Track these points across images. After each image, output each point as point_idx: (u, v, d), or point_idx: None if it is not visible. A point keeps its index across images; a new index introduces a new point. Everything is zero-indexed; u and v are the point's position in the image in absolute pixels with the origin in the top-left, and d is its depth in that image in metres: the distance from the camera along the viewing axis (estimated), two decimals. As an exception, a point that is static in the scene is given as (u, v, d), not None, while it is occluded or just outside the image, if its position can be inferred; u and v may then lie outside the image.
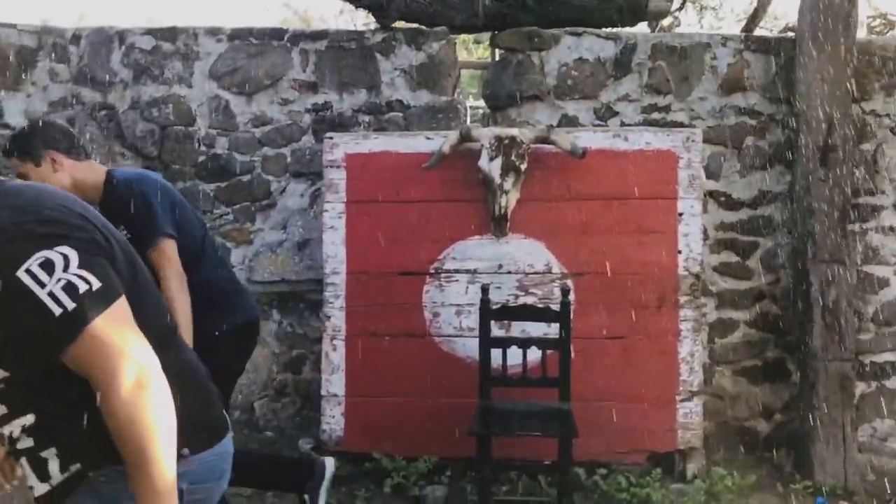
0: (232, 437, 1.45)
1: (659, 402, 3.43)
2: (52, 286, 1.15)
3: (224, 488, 1.45)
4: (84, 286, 1.17)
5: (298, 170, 4.05)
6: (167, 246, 2.40)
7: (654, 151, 3.53)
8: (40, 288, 1.15)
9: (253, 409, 4.05)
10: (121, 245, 1.31)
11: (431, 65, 4.02)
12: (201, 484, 1.36)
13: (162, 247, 2.39)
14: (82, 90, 4.08)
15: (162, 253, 2.38)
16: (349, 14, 10.81)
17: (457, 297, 3.53)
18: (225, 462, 1.43)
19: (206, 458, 1.36)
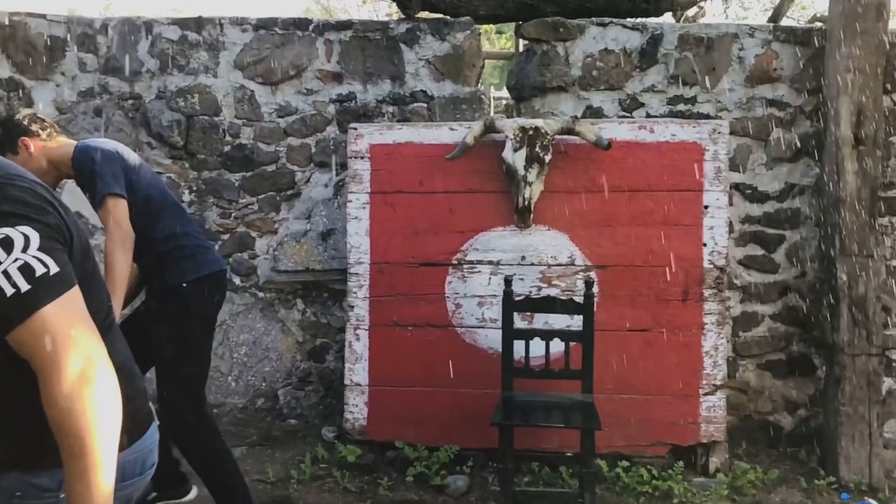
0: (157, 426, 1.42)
1: (682, 395, 3.41)
2: (7, 265, 1.13)
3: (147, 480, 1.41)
4: (41, 269, 1.15)
5: (323, 160, 4.07)
6: (112, 204, 2.54)
7: (679, 143, 3.50)
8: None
9: (277, 397, 4.09)
10: (80, 235, 1.28)
11: (456, 55, 4.01)
12: (126, 480, 1.32)
13: (107, 205, 2.53)
14: (110, 80, 4.12)
15: (107, 211, 2.53)
16: (372, 5, 10.82)
17: (479, 288, 3.54)
18: (150, 455, 1.40)
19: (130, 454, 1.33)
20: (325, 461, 3.43)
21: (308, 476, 3.30)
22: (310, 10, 14.27)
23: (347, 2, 19.06)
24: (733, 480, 3.30)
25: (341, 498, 3.16)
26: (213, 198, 4.11)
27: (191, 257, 2.70)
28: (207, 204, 4.12)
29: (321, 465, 3.41)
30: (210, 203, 4.11)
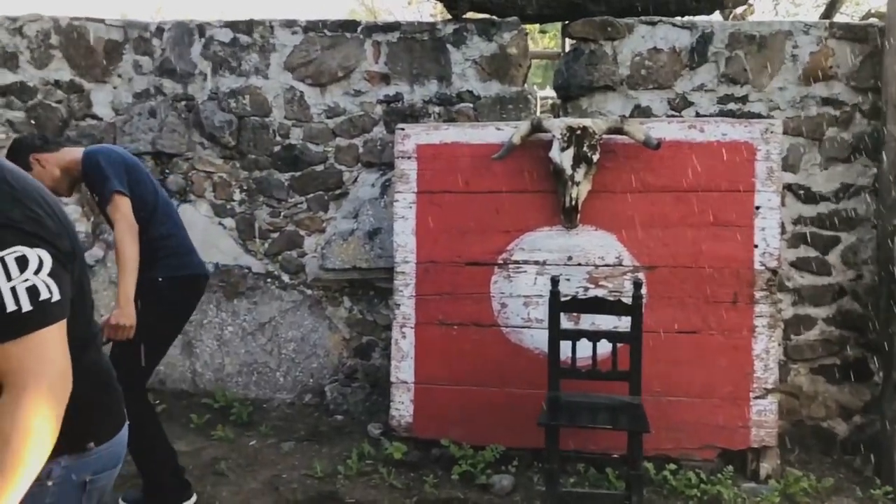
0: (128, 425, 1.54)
1: (732, 399, 3.36)
2: (17, 282, 1.20)
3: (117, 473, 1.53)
4: (46, 294, 1.22)
5: (370, 160, 4.11)
6: (118, 200, 2.77)
7: (730, 143, 3.45)
8: (6, 280, 1.19)
9: (324, 393, 4.15)
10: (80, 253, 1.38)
11: (502, 55, 4.01)
12: (102, 472, 1.45)
13: (114, 201, 2.76)
14: (164, 81, 4.23)
15: (114, 206, 2.75)
16: (416, 5, 10.87)
17: (525, 288, 3.53)
18: (122, 448, 1.52)
19: (108, 448, 1.44)
20: (372, 457, 3.47)
21: (355, 472, 3.34)
22: (354, 11, 14.40)
23: (392, 3, 19.17)
24: (785, 488, 3.23)
25: (387, 494, 3.19)
26: (263, 197, 4.19)
27: (174, 256, 2.95)
28: (257, 203, 4.20)
29: (367, 461, 3.45)
30: (260, 202, 4.19)
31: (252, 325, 4.25)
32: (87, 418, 1.38)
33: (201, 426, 3.83)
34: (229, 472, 3.37)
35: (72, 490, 1.39)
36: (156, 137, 4.22)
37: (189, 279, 3.02)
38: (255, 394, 4.24)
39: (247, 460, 3.51)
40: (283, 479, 3.32)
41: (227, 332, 4.26)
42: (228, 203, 4.22)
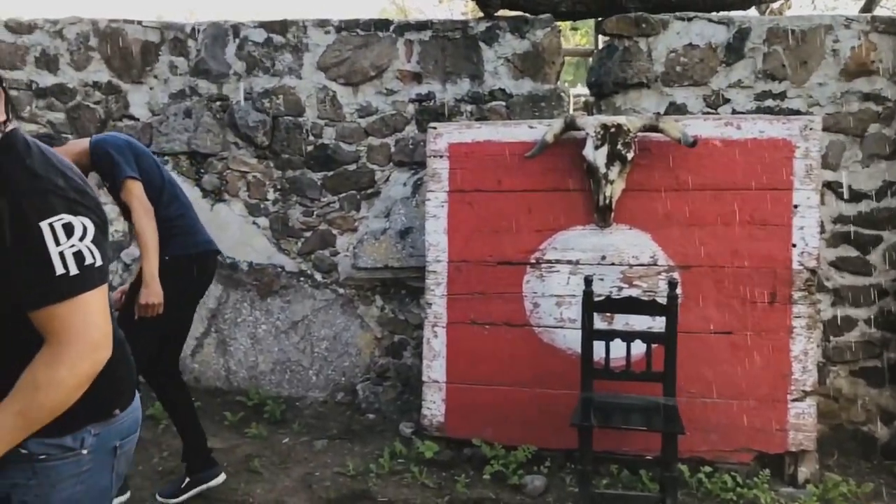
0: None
1: (769, 401, 3.30)
2: (64, 248, 1.28)
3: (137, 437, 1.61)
4: (90, 259, 1.31)
5: (402, 159, 4.12)
6: (131, 185, 2.88)
7: (768, 140, 3.38)
8: (55, 245, 1.27)
9: (356, 392, 4.17)
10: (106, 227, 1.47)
11: (535, 53, 3.98)
12: (127, 437, 1.53)
13: (128, 186, 2.87)
14: (199, 82, 4.29)
15: (128, 191, 2.87)
16: (448, 4, 10.86)
17: (558, 287, 3.51)
18: (139, 413, 1.61)
19: (130, 414, 1.53)
20: (403, 456, 3.48)
21: (387, 470, 3.35)
22: (385, 10, 14.44)
23: (423, 2, 19.19)
24: (824, 493, 3.16)
25: (419, 493, 3.19)
26: (297, 196, 4.22)
27: (184, 235, 3.04)
28: (291, 202, 4.23)
29: (399, 459, 3.45)
30: (293, 201, 4.23)
31: (285, 324, 4.28)
32: (113, 386, 1.46)
33: (235, 423, 3.88)
34: (263, 469, 3.40)
35: (105, 456, 1.46)
36: (191, 137, 4.27)
37: (200, 256, 3.11)
38: (288, 392, 4.27)
39: (280, 458, 3.54)
40: (316, 477, 3.34)
41: (260, 331, 4.31)
42: (262, 202, 4.27)
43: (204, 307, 4.33)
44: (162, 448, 3.61)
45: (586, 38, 12.34)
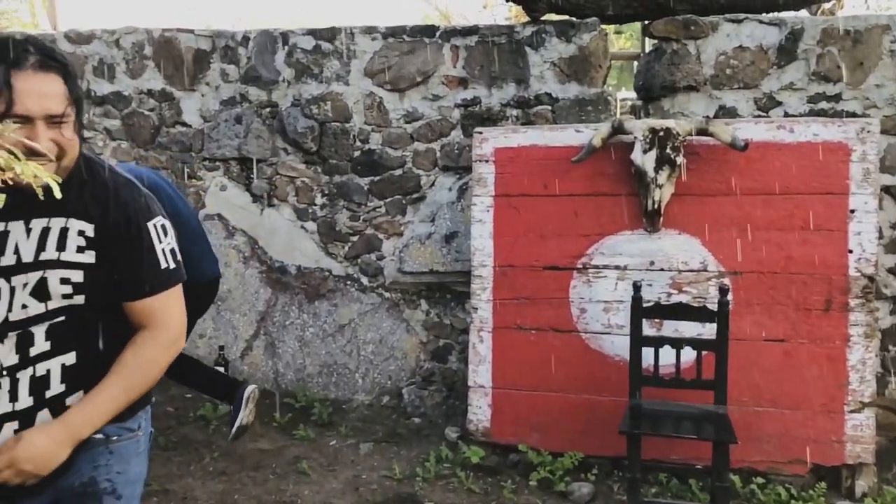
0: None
1: (824, 412, 3.21)
2: (164, 245, 1.52)
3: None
4: (178, 256, 1.57)
5: (447, 164, 4.14)
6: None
7: (822, 143, 3.31)
8: (158, 242, 1.51)
9: (401, 395, 4.19)
10: None
11: (582, 56, 3.96)
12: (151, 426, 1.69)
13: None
14: (249, 89, 4.37)
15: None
16: (491, 10, 10.87)
17: (605, 293, 3.48)
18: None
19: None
20: (449, 461, 3.48)
21: (433, 475, 3.36)
22: (428, 16, 14.52)
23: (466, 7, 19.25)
24: (882, 505, 3.07)
25: (466, 498, 3.19)
26: (344, 201, 4.27)
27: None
28: (338, 207, 4.28)
29: (445, 464, 3.46)
30: (340, 206, 4.28)
31: (332, 327, 4.33)
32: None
33: (284, 425, 3.93)
34: (311, 471, 3.44)
35: (147, 439, 1.64)
36: (241, 143, 4.36)
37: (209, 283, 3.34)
38: (335, 394, 4.32)
39: (327, 460, 3.58)
40: (363, 480, 3.37)
41: (308, 333, 4.36)
42: (310, 207, 4.32)
43: (253, 310, 4.41)
44: (213, 448, 3.68)
45: (631, 42, 12.22)
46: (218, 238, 4.38)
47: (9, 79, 1.30)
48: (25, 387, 1.40)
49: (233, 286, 4.42)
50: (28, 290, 1.38)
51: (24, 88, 1.31)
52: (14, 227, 1.37)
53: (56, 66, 1.37)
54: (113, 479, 1.51)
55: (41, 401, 1.42)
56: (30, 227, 1.38)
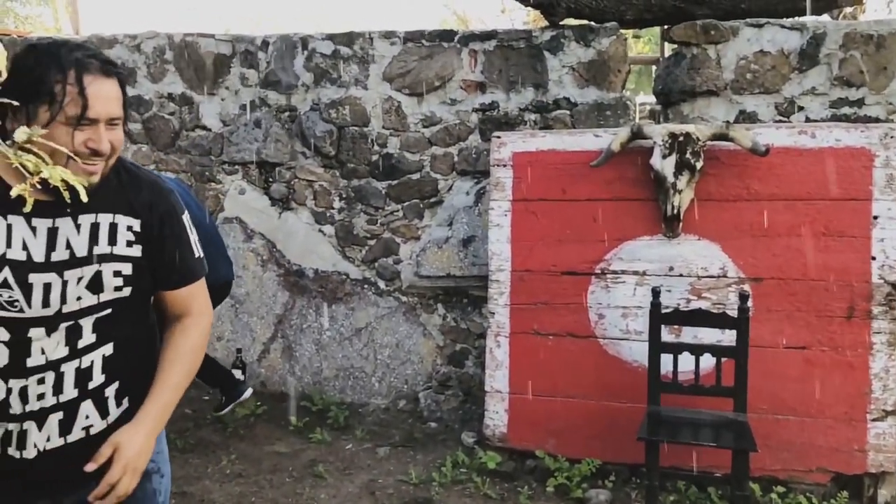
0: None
1: (846, 420, 3.17)
2: (193, 237, 1.63)
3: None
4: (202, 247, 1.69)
5: (465, 168, 4.14)
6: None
7: (845, 149, 3.27)
8: (191, 233, 1.62)
9: (418, 400, 4.19)
10: None
11: (600, 61, 3.95)
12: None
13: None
14: (269, 93, 4.40)
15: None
16: (510, 14, 10.87)
17: (624, 298, 3.46)
18: None
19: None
20: (466, 466, 3.47)
21: (449, 480, 3.35)
22: (445, 20, 14.55)
23: (484, 12, 19.27)
24: (905, 516, 3.03)
25: None
26: (361, 205, 4.28)
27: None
28: (356, 211, 4.29)
29: (461, 469, 3.45)
30: (358, 210, 4.29)
31: (349, 331, 4.34)
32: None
33: (300, 428, 3.94)
34: (327, 474, 3.45)
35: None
36: (260, 147, 4.38)
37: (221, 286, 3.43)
38: (352, 398, 4.33)
39: (344, 463, 3.58)
40: (379, 484, 3.37)
41: (325, 337, 4.38)
42: (328, 211, 4.34)
43: (271, 313, 4.43)
44: (230, 451, 3.70)
45: (649, 46, 12.19)
46: (236, 241, 4.41)
47: (82, 83, 1.36)
48: (71, 379, 1.45)
49: (251, 289, 4.45)
50: (84, 284, 1.44)
51: (95, 92, 1.38)
52: (62, 223, 1.42)
53: (115, 72, 1.44)
54: (155, 458, 1.57)
55: (84, 392, 1.47)
56: (78, 224, 1.44)
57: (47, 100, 1.35)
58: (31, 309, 1.39)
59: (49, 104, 1.34)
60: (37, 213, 1.37)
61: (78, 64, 1.37)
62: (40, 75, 1.35)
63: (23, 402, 1.42)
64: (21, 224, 1.39)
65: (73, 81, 1.36)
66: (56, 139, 1.33)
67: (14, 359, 1.40)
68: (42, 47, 1.41)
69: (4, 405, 1.41)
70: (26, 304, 1.39)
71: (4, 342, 1.39)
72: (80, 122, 1.36)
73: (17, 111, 1.34)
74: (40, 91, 1.35)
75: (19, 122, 1.34)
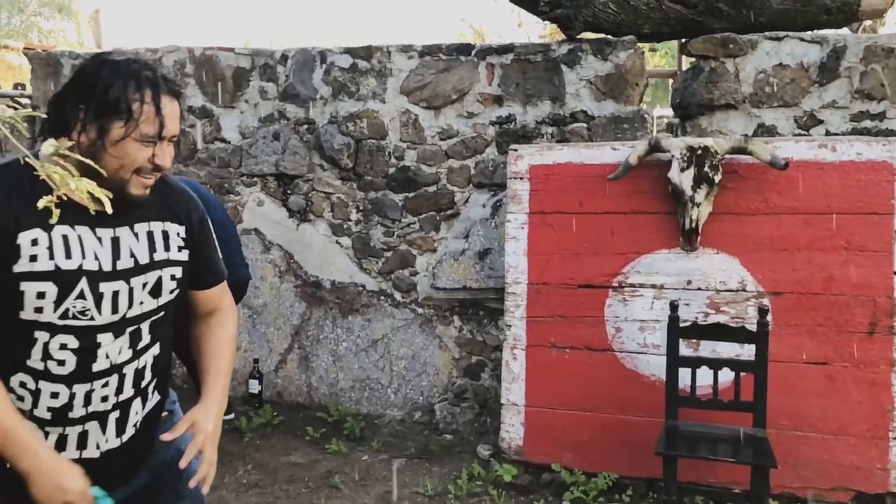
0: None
1: (868, 438, 3.13)
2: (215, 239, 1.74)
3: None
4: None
5: (481, 181, 4.15)
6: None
7: (866, 163, 3.25)
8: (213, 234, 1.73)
9: (433, 412, 4.18)
10: None
11: (618, 75, 3.95)
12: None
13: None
14: (287, 106, 4.44)
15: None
16: (526, 28, 10.91)
17: (641, 312, 3.44)
18: None
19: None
20: (481, 478, 3.46)
21: (465, 492, 3.34)
22: (463, 34, 14.62)
23: (500, 26, 19.34)
24: (929, 535, 2.97)
25: (497, 517, 3.17)
26: (378, 217, 4.30)
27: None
28: (372, 223, 4.31)
29: (477, 482, 3.44)
30: (375, 222, 4.31)
31: (365, 342, 4.35)
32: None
33: (316, 439, 3.95)
34: (343, 485, 3.45)
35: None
36: (279, 160, 4.42)
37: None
38: (367, 409, 4.33)
39: (359, 475, 3.58)
40: (395, 496, 3.36)
41: (341, 348, 4.39)
42: (345, 222, 4.36)
43: (288, 324, 4.45)
44: (246, 461, 3.71)
45: (665, 60, 12.17)
46: (254, 252, 4.44)
47: (159, 103, 1.42)
48: (130, 379, 1.54)
49: (268, 300, 4.48)
50: (147, 289, 1.52)
51: (168, 112, 1.45)
52: (122, 232, 1.49)
53: (180, 93, 1.51)
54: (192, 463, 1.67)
55: (138, 391, 1.57)
56: (135, 232, 1.52)
57: (125, 117, 1.40)
58: (101, 316, 1.45)
59: (126, 121, 1.40)
60: (99, 224, 1.44)
61: (154, 84, 1.42)
62: (119, 93, 1.39)
63: (86, 404, 1.47)
64: (89, 234, 1.44)
65: (149, 101, 1.41)
66: (127, 155, 1.40)
67: (81, 365, 1.45)
68: (117, 64, 1.44)
69: (65, 409, 1.46)
70: (97, 312, 1.44)
71: (73, 350, 1.44)
72: (151, 139, 1.42)
73: (88, 124, 1.39)
74: (118, 109, 1.39)
75: (89, 136, 1.39)
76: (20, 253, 1.36)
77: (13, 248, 1.36)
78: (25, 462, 1.35)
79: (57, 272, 1.39)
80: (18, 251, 1.36)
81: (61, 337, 1.42)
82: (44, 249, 1.38)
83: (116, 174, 1.40)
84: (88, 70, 1.43)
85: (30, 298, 1.38)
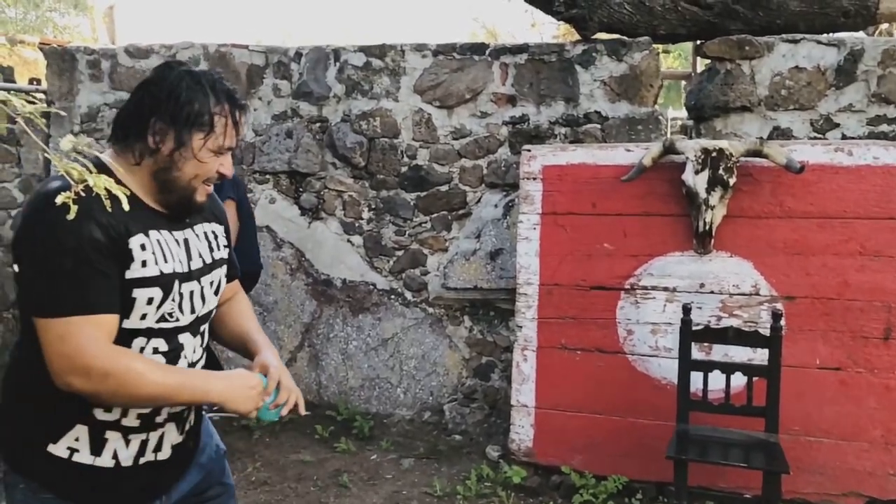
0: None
1: (882, 444, 3.10)
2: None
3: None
4: None
5: (493, 181, 4.14)
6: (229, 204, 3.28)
7: (883, 167, 3.22)
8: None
9: (443, 412, 4.18)
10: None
11: (633, 76, 3.93)
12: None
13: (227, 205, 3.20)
14: (301, 104, 4.44)
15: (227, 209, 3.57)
16: (539, 28, 10.88)
17: (653, 315, 3.42)
18: None
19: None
20: (490, 480, 3.45)
21: (473, 493, 3.33)
22: (475, 34, 14.60)
23: (514, 26, 19.30)
24: (942, 544, 2.94)
25: (506, 518, 3.16)
26: (390, 216, 4.30)
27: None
28: (384, 222, 4.31)
29: (486, 483, 3.43)
30: (387, 221, 4.31)
31: (375, 341, 4.35)
32: None
33: (325, 438, 3.95)
34: (352, 484, 3.45)
35: None
36: (291, 157, 4.43)
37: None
38: (376, 408, 4.33)
39: (368, 474, 3.58)
40: (404, 496, 3.36)
41: (351, 347, 4.39)
42: (357, 221, 4.36)
43: (298, 322, 4.46)
44: (255, 458, 3.72)
45: (679, 61, 12.11)
46: (266, 250, 4.44)
47: (236, 117, 1.47)
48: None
49: (279, 297, 4.48)
50: (213, 288, 1.59)
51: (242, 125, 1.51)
52: (188, 234, 1.54)
53: (246, 105, 1.55)
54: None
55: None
56: (197, 234, 1.57)
57: (206, 129, 1.43)
58: (184, 317, 1.48)
59: (206, 133, 1.43)
60: (174, 227, 1.49)
61: (231, 97, 1.46)
62: (202, 106, 1.42)
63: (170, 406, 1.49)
64: (170, 237, 1.48)
65: (227, 114, 1.45)
66: (203, 165, 1.44)
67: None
68: (196, 75, 1.46)
69: (153, 414, 1.47)
70: (180, 313, 1.47)
71: (163, 352, 1.46)
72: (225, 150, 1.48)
73: (166, 134, 1.41)
74: (202, 121, 1.42)
75: (167, 145, 1.41)
76: (133, 257, 1.39)
77: (127, 254, 1.38)
78: (213, 395, 1.42)
79: (161, 277, 1.42)
80: (131, 256, 1.39)
81: (154, 341, 1.44)
82: (150, 254, 1.41)
83: (189, 183, 1.45)
84: (169, 80, 1.45)
85: (140, 305, 1.40)
